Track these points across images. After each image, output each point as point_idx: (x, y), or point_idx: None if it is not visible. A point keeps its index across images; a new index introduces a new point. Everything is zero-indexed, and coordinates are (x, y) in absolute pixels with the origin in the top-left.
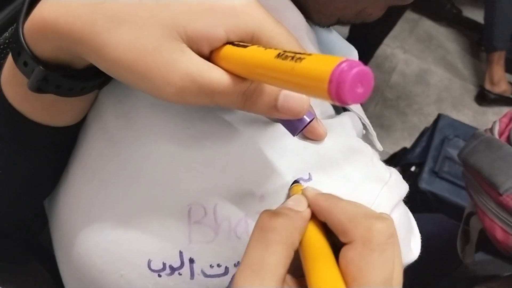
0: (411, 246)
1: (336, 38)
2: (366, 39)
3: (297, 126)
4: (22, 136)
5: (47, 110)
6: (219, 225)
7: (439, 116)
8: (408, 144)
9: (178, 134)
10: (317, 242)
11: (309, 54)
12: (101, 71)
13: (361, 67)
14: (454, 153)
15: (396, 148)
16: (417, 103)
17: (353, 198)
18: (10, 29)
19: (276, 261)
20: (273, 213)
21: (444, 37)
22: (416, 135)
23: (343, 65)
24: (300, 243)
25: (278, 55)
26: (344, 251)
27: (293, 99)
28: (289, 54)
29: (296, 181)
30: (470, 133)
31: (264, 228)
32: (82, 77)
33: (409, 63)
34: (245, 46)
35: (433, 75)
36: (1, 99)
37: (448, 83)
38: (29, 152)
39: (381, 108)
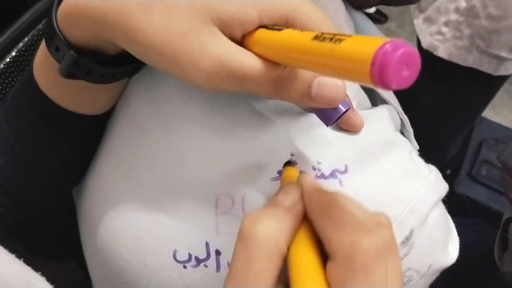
0: (449, 249)
1: (374, 30)
2: None
3: (332, 116)
4: (53, 124)
5: (78, 97)
6: None
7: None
8: None
9: (207, 121)
10: (305, 249)
11: (349, 35)
12: (132, 58)
13: (407, 48)
14: (492, 156)
15: None
16: None
17: (391, 193)
18: (44, 20)
19: (259, 274)
20: (256, 218)
21: None
22: None
23: (387, 46)
24: (289, 248)
25: (315, 37)
26: (328, 266)
27: (328, 86)
28: (327, 36)
29: (289, 162)
30: (510, 136)
31: (245, 238)
32: (113, 64)
33: None
34: (279, 30)
35: None
36: (33, 86)
37: None
38: (59, 139)
39: None
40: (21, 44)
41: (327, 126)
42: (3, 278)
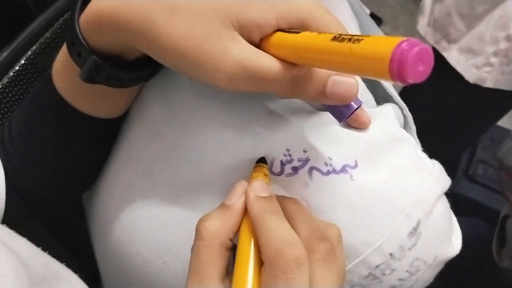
0: (452, 241)
1: (378, 31)
2: None
3: (344, 113)
4: (69, 127)
5: (95, 101)
6: None
7: None
8: None
9: (223, 121)
10: (247, 246)
11: (367, 36)
12: (149, 63)
13: (422, 45)
14: (488, 156)
15: None
16: None
17: (398, 186)
18: (61, 19)
19: (204, 264)
20: (204, 217)
21: None
22: None
23: (404, 44)
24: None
25: (334, 38)
26: (262, 268)
27: (342, 84)
28: (345, 37)
29: (262, 159)
30: (504, 136)
31: (195, 235)
32: (131, 68)
33: None
34: (296, 32)
35: None
36: (51, 90)
37: None
38: (75, 142)
39: None
40: (29, 52)
41: (340, 122)
42: (34, 268)
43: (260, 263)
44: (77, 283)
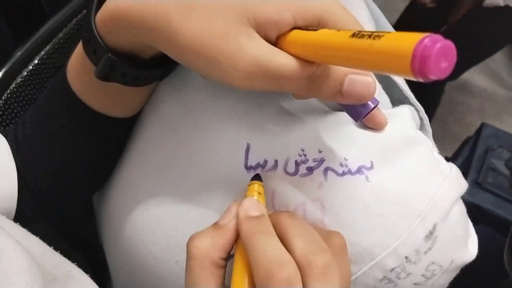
0: (468, 246)
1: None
2: None
3: (361, 112)
4: (83, 125)
5: (109, 100)
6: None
7: (483, 126)
8: (449, 154)
9: (237, 120)
10: (240, 265)
11: (388, 32)
12: (163, 61)
13: (445, 41)
14: (498, 164)
15: None
16: (458, 111)
17: (415, 188)
18: (75, 20)
19: (196, 282)
20: (194, 236)
21: None
22: (457, 144)
23: (426, 40)
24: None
25: (353, 35)
26: None
27: (359, 83)
28: (365, 33)
29: (257, 175)
30: None
31: (187, 254)
32: (146, 67)
33: None
34: (314, 30)
35: (476, 83)
36: (66, 89)
37: (492, 92)
38: (88, 141)
39: None
40: (42, 52)
41: (357, 122)
42: (46, 268)
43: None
44: (88, 282)
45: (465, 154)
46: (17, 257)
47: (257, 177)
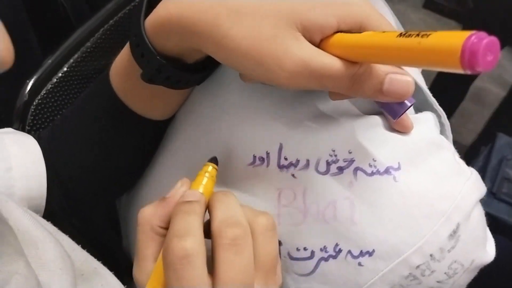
0: (487, 247)
1: None
2: None
3: (398, 111)
4: (122, 127)
5: (149, 101)
6: (307, 208)
7: (497, 136)
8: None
9: (272, 121)
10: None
11: (434, 31)
12: (205, 66)
13: (490, 37)
14: None
15: None
16: (472, 122)
17: (438, 190)
18: (102, 30)
19: (140, 244)
20: (145, 206)
21: (501, 55)
22: (471, 154)
23: (473, 37)
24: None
25: (400, 35)
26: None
27: (399, 82)
28: (412, 33)
29: (214, 158)
30: None
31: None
32: (189, 70)
33: None
34: (357, 33)
35: (489, 94)
36: (108, 91)
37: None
38: (124, 142)
39: None
40: (71, 60)
41: (394, 119)
42: (75, 262)
43: None
44: (113, 280)
45: (479, 164)
46: (51, 247)
47: (214, 160)
